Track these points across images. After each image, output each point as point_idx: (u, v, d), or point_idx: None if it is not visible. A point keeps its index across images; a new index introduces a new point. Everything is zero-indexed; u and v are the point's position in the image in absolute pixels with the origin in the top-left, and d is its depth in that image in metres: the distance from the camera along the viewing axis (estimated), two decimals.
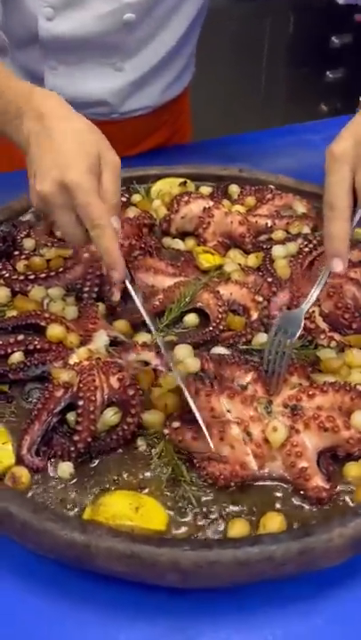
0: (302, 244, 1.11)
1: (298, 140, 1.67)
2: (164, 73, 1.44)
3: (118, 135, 1.49)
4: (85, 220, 0.83)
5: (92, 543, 0.67)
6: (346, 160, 0.80)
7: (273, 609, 0.70)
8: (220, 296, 0.99)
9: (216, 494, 0.76)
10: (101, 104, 1.40)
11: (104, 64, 1.35)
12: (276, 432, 0.76)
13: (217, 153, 1.59)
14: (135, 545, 0.67)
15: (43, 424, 0.81)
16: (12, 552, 0.73)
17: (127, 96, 1.41)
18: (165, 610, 0.69)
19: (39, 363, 0.88)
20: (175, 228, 1.17)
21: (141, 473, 0.78)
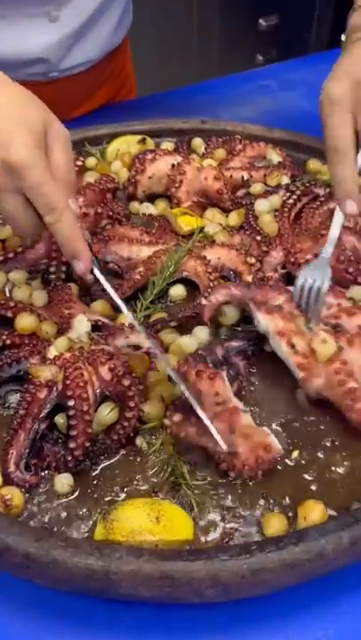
0: (285, 195, 1.01)
1: (255, 86, 1.56)
2: (102, 21, 1.29)
3: (58, 96, 1.34)
4: (38, 205, 0.71)
5: (112, 568, 0.57)
6: (345, 103, 0.78)
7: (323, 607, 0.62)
8: (208, 262, 0.87)
9: (236, 488, 0.66)
10: (38, 62, 1.23)
11: (37, 15, 1.19)
12: (325, 344, 0.70)
13: (170, 106, 1.45)
14: (165, 563, 0.57)
15: (29, 433, 0.68)
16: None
17: (66, 50, 1.25)
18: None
19: (12, 361, 0.75)
20: (142, 190, 1.04)
21: (152, 474, 0.68)
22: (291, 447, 0.70)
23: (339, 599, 0.63)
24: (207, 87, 1.61)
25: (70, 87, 1.34)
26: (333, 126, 0.78)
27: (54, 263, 0.88)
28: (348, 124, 0.78)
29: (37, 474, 0.67)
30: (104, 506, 0.65)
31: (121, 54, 1.48)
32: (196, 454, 0.69)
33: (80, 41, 1.26)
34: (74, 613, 0.61)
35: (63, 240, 0.73)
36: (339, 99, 0.78)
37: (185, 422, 0.68)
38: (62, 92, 1.34)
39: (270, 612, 0.62)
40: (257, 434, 0.67)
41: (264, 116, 1.43)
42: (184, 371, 0.69)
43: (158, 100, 1.50)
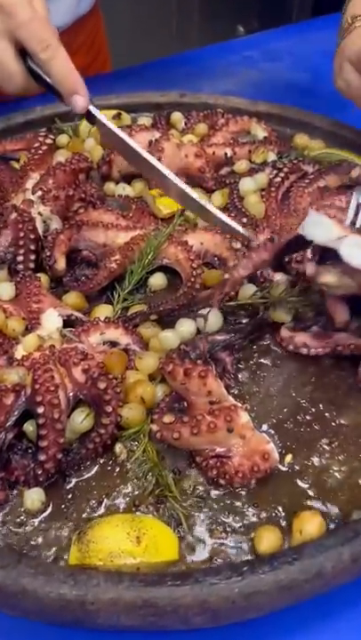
0: (272, 173, 0.93)
1: (238, 57, 1.47)
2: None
3: None
4: (32, 43, 0.73)
5: (88, 598, 0.51)
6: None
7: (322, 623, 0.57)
8: (190, 248, 0.80)
9: (225, 498, 0.60)
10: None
11: None
12: None
13: (147, 79, 1.36)
14: (147, 590, 0.51)
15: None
16: None
17: None
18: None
19: None
20: (118, 170, 0.96)
21: (133, 486, 0.61)
22: (284, 451, 0.64)
23: (338, 614, 0.58)
24: (187, 58, 1.52)
25: None
26: None
27: (22, 252, 0.81)
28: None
29: (5, 489, 0.60)
30: (79, 524, 0.58)
31: (91, 24, 1.41)
32: (181, 461, 0.63)
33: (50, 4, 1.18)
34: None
35: (60, 76, 0.74)
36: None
37: (176, 423, 0.61)
38: None
39: (264, 632, 0.56)
40: (255, 438, 0.61)
41: (247, 88, 1.35)
42: (170, 370, 0.63)
43: (135, 73, 1.41)
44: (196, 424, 0.60)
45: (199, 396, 0.63)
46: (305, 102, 1.21)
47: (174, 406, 0.65)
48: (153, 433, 0.62)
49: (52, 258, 0.80)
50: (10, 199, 0.87)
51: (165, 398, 0.66)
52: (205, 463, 0.61)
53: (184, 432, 0.61)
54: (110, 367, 0.67)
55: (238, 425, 0.60)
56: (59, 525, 0.59)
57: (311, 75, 1.44)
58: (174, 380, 0.64)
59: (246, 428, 0.61)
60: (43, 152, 0.93)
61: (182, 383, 0.64)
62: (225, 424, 0.60)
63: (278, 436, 0.65)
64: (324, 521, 0.57)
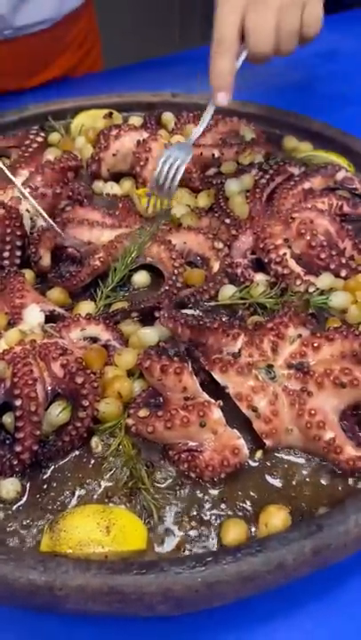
0: (258, 175, 0.95)
1: None
2: None
3: (15, 58, 1.26)
4: None
5: (56, 584, 0.53)
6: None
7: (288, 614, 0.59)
8: (173, 247, 0.82)
9: (195, 491, 0.62)
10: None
11: None
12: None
13: (140, 79, 1.38)
14: (114, 577, 0.53)
15: None
16: None
17: (16, 5, 1.17)
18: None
19: None
20: (107, 168, 0.98)
21: (107, 478, 0.63)
22: (254, 447, 0.66)
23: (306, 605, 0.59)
24: (181, 58, 1.53)
25: (26, 49, 1.27)
26: (221, 17, 0.82)
27: (8, 248, 0.83)
28: (237, 16, 0.81)
29: None
30: (53, 513, 0.60)
31: (84, 20, 1.42)
32: (154, 454, 0.65)
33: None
34: (23, 627, 0.57)
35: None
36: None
37: (151, 417, 0.63)
38: (17, 55, 1.26)
39: (232, 622, 0.58)
40: (226, 433, 0.63)
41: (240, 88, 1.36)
42: (147, 366, 0.65)
43: (125, 73, 1.42)
44: (170, 418, 0.62)
45: (175, 392, 0.65)
46: (297, 103, 1.22)
47: (150, 401, 0.66)
48: (128, 426, 0.64)
49: (38, 254, 0.82)
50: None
51: (142, 393, 0.68)
52: (177, 457, 0.63)
53: (158, 426, 0.62)
54: (89, 362, 0.69)
55: (211, 420, 0.62)
56: (33, 514, 0.60)
57: (304, 76, 1.45)
58: (151, 375, 0.66)
59: (218, 424, 0.62)
60: (33, 150, 0.95)
61: (159, 379, 0.66)
62: (198, 419, 0.62)
63: (250, 432, 0.67)
64: (289, 515, 0.59)
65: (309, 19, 0.85)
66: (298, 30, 0.85)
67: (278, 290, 0.78)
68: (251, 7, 0.82)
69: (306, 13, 0.85)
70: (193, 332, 0.70)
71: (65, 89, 1.28)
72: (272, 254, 0.80)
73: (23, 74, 1.32)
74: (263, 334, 0.68)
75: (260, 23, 0.82)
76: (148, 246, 0.82)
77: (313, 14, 0.85)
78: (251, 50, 0.84)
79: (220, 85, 0.83)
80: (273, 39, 0.83)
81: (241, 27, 0.82)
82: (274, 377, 0.65)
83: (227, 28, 0.82)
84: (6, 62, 1.28)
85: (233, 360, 0.66)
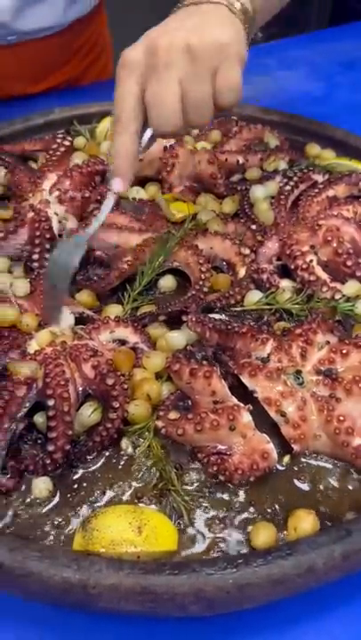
0: (282, 181, 0.96)
1: (254, 65, 1.48)
2: None
3: (19, 63, 1.25)
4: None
5: (90, 582, 0.53)
6: (134, 69, 0.71)
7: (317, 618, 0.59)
8: (200, 252, 0.83)
9: (224, 494, 0.63)
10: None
11: None
12: None
13: None
14: (146, 577, 0.54)
15: (6, 433, 0.64)
16: None
17: (19, 11, 1.17)
18: None
19: None
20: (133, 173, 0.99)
21: (136, 479, 0.64)
22: (282, 451, 0.66)
23: (331, 609, 0.60)
24: None
25: (33, 54, 1.26)
26: (118, 94, 0.72)
27: (38, 250, 0.84)
28: (133, 93, 0.71)
29: (14, 477, 0.63)
30: (84, 512, 0.61)
31: (93, 27, 1.40)
32: (182, 457, 0.66)
33: (35, 4, 1.18)
34: (54, 624, 0.58)
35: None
36: (129, 63, 0.71)
37: (181, 419, 0.64)
38: (24, 59, 1.26)
39: (262, 624, 0.59)
40: (255, 437, 0.64)
41: (262, 95, 1.37)
42: (176, 369, 0.65)
43: None
44: (200, 421, 0.63)
45: (203, 396, 0.66)
46: (319, 111, 1.23)
47: (179, 404, 0.67)
48: (158, 428, 0.65)
49: None
50: (27, 198, 0.90)
51: (170, 396, 0.69)
52: (207, 459, 0.64)
53: (188, 428, 0.63)
54: (118, 364, 0.70)
55: (240, 424, 0.63)
56: (64, 513, 0.61)
57: (326, 84, 1.46)
58: (180, 379, 0.67)
59: (248, 428, 0.63)
60: (60, 153, 0.96)
61: (188, 382, 0.66)
62: (228, 422, 0.62)
63: (277, 437, 0.68)
64: (318, 519, 0.60)
65: (223, 85, 0.71)
66: (208, 100, 0.71)
67: (304, 296, 0.79)
68: (151, 78, 0.70)
69: (219, 79, 0.70)
70: (221, 336, 0.71)
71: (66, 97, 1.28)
72: (299, 261, 0.81)
73: (28, 79, 1.31)
74: (292, 340, 0.69)
75: (160, 95, 0.70)
76: (175, 250, 0.83)
77: (228, 79, 0.71)
78: (152, 126, 0.72)
79: (116, 169, 0.73)
80: (177, 113, 0.71)
81: (141, 102, 0.71)
82: (302, 383, 0.66)
83: (124, 103, 0.71)
84: (10, 67, 1.26)
85: (262, 365, 0.67)
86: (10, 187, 0.95)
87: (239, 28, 0.74)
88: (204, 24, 0.71)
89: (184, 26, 0.71)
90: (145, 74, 0.70)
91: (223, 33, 0.70)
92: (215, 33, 0.70)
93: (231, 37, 0.70)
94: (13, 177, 0.95)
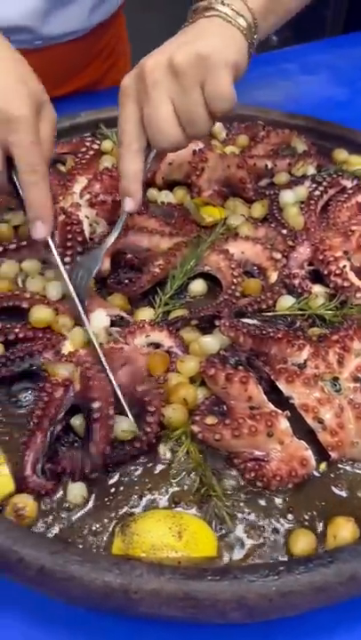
0: (311, 187, 0.96)
1: (274, 69, 1.49)
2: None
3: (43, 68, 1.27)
4: (23, 163, 0.72)
5: (132, 587, 0.53)
6: (130, 94, 0.75)
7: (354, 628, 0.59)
8: (232, 256, 0.83)
9: (261, 501, 0.63)
10: (19, 30, 1.16)
11: None
12: None
13: None
14: (188, 583, 0.53)
15: (45, 434, 0.64)
16: None
17: (46, 17, 1.18)
18: None
19: (25, 354, 0.71)
20: (161, 177, 0.99)
21: (172, 484, 0.64)
22: (319, 458, 0.66)
23: None
24: None
25: (57, 58, 1.27)
26: (120, 118, 0.76)
27: (69, 253, 0.84)
28: (132, 117, 0.74)
29: (53, 479, 0.63)
30: (121, 517, 0.61)
31: (113, 31, 1.41)
32: (218, 462, 0.66)
33: (62, 8, 1.20)
34: (92, 629, 0.58)
35: (35, 202, 0.74)
36: (124, 89, 0.75)
37: (219, 425, 0.64)
38: (48, 63, 1.25)
39: (298, 633, 0.58)
40: (293, 444, 0.63)
41: (284, 100, 1.37)
42: (212, 374, 0.65)
43: None
44: (238, 427, 0.62)
45: (239, 401, 0.66)
46: (342, 116, 1.23)
47: (215, 409, 0.67)
48: (194, 433, 0.65)
49: None
50: (58, 201, 0.91)
51: (205, 401, 0.68)
52: (243, 465, 0.64)
53: (226, 434, 0.63)
54: (153, 367, 0.70)
55: (278, 430, 0.63)
56: (101, 517, 0.61)
57: (349, 89, 1.46)
58: (215, 384, 0.67)
59: (286, 434, 0.63)
60: (90, 157, 0.97)
61: (223, 387, 0.66)
62: (265, 428, 0.62)
63: (313, 444, 0.67)
64: (357, 527, 0.59)
65: (214, 93, 0.72)
66: (202, 111, 0.73)
67: (338, 302, 0.78)
68: (143, 100, 0.73)
69: (208, 89, 0.71)
70: (255, 341, 0.71)
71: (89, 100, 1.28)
72: (332, 266, 0.81)
73: (50, 83, 1.32)
74: (328, 346, 0.69)
75: (154, 115, 0.72)
76: (206, 255, 0.83)
77: (216, 88, 0.71)
78: (153, 144, 0.75)
79: (125, 190, 0.76)
80: (174, 128, 0.73)
81: (141, 123, 0.74)
82: (339, 389, 0.66)
83: (123, 127, 0.75)
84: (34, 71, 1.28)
85: (299, 371, 0.67)
86: None
87: (232, 33, 0.75)
88: (191, 40, 0.73)
89: (170, 45, 0.74)
90: (139, 97, 0.73)
91: (207, 45, 0.71)
92: (197, 46, 0.71)
93: (214, 47, 0.71)
94: None
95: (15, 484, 0.62)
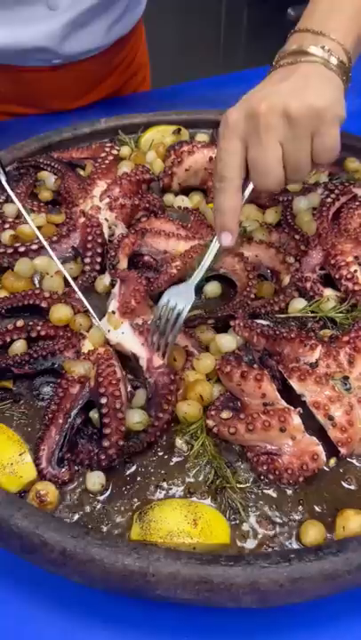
0: (324, 194, 0.98)
1: None
2: (106, 11, 1.24)
3: (62, 83, 1.31)
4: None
5: (149, 570, 0.56)
6: (237, 131, 0.73)
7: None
8: (247, 259, 0.86)
9: (272, 493, 0.65)
10: (39, 51, 1.20)
11: (36, 4, 1.14)
12: None
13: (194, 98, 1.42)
14: (204, 567, 0.56)
15: (60, 428, 0.67)
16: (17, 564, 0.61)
17: (65, 38, 1.21)
18: None
19: (48, 353, 0.74)
20: (178, 182, 1.02)
21: (187, 475, 0.67)
22: (328, 454, 0.68)
23: None
24: (237, 78, 1.57)
25: (76, 74, 1.30)
26: (223, 153, 0.74)
27: (89, 254, 0.87)
28: (237, 153, 0.73)
29: (70, 469, 0.66)
30: (139, 505, 0.64)
31: (132, 42, 1.44)
32: (231, 455, 0.68)
33: (81, 29, 1.23)
34: (108, 612, 0.61)
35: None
36: (233, 124, 0.73)
37: (233, 419, 0.67)
38: (68, 79, 1.30)
39: (304, 620, 0.61)
40: (305, 440, 0.66)
41: None
42: (228, 371, 0.68)
43: (179, 91, 1.47)
44: (252, 421, 0.65)
45: (253, 398, 0.69)
46: (353, 126, 1.26)
47: (229, 404, 0.70)
48: (210, 427, 0.68)
49: (117, 258, 0.86)
50: (78, 204, 0.94)
51: (220, 397, 0.71)
52: (256, 459, 0.66)
53: (240, 428, 0.66)
54: (171, 362, 0.73)
55: (291, 426, 0.65)
56: (119, 505, 0.64)
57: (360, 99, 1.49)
58: (230, 380, 0.70)
59: (298, 430, 0.66)
60: (109, 162, 1.00)
61: (238, 384, 0.69)
62: (279, 424, 0.65)
63: (323, 441, 0.70)
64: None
65: (321, 147, 0.73)
66: (307, 160, 0.74)
67: (348, 305, 0.81)
68: (252, 140, 0.72)
69: (317, 142, 0.73)
70: (268, 341, 0.74)
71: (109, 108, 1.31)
72: (343, 271, 0.83)
73: (71, 96, 1.35)
74: (339, 347, 0.71)
75: (262, 158, 0.72)
76: (222, 257, 0.86)
77: (326, 144, 0.73)
78: (255, 184, 0.75)
79: (224, 225, 0.75)
80: (279, 173, 0.74)
81: (244, 159, 0.74)
82: (349, 388, 0.68)
83: (228, 163, 0.73)
84: (53, 86, 1.30)
85: (311, 370, 0.69)
86: (59, 192, 0.99)
87: (337, 84, 0.75)
88: (301, 87, 0.72)
89: (282, 89, 0.72)
90: (246, 135, 0.72)
91: (320, 97, 0.71)
92: (312, 97, 0.71)
93: (328, 100, 0.71)
94: (63, 183, 0.98)
95: (37, 472, 0.65)
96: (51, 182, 1.01)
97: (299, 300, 0.83)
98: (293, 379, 0.69)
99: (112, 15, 1.27)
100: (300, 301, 0.82)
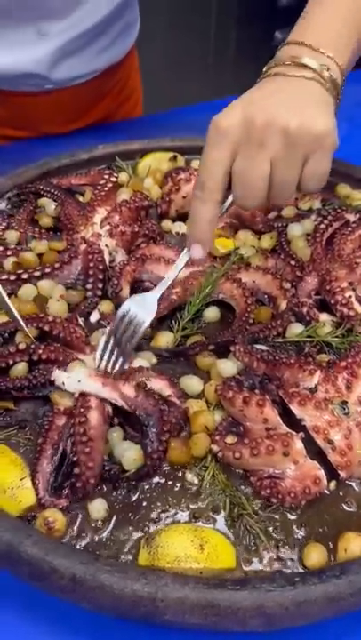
0: (317, 220, 1.02)
1: None
2: (98, 38, 1.27)
3: (56, 108, 1.33)
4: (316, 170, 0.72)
5: (158, 595, 0.57)
6: (229, 138, 0.69)
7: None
8: (245, 285, 0.88)
9: (274, 516, 0.67)
10: (29, 76, 1.22)
11: (25, 29, 1.16)
12: None
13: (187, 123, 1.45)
14: (211, 592, 0.57)
15: (51, 459, 0.68)
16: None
17: (56, 65, 1.23)
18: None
19: (46, 381, 0.74)
20: (175, 209, 1.05)
21: (191, 501, 0.68)
22: (328, 477, 0.70)
23: None
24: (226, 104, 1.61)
25: (68, 98, 1.32)
26: (208, 160, 0.70)
27: (91, 280, 0.89)
28: (224, 163, 0.70)
29: (69, 497, 0.67)
30: (144, 531, 0.65)
31: (125, 68, 1.45)
32: (235, 481, 0.70)
33: (72, 56, 1.24)
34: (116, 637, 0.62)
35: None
36: (224, 130, 0.69)
37: (238, 444, 0.68)
38: (59, 103, 1.32)
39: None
40: (307, 464, 0.68)
41: None
42: (230, 397, 0.70)
43: (179, 115, 1.50)
44: (256, 446, 0.67)
45: (255, 423, 0.70)
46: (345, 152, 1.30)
47: (232, 430, 0.72)
48: (214, 452, 0.69)
49: (119, 286, 0.88)
50: (78, 231, 0.96)
51: (223, 422, 0.73)
52: (260, 483, 0.68)
53: (245, 452, 0.67)
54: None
55: (293, 450, 0.67)
56: (125, 531, 0.65)
57: (349, 125, 1.54)
58: (233, 405, 0.72)
59: (300, 455, 0.67)
60: (108, 189, 1.02)
61: (240, 409, 0.71)
62: (282, 448, 0.67)
63: (323, 465, 0.71)
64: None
65: (311, 174, 0.71)
66: (293, 184, 0.72)
67: (344, 330, 0.84)
68: (243, 151, 0.69)
69: (308, 168, 0.71)
70: (268, 366, 0.76)
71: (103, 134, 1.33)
72: (338, 296, 0.86)
73: (61, 121, 1.37)
74: (337, 372, 0.74)
75: (248, 172, 0.69)
76: (221, 283, 0.88)
77: (317, 169, 0.71)
78: (236, 199, 0.73)
79: (196, 236, 0.73)
80: (262, 191, 0.71)
81: (229, 170, 0.70)
82: (348, 412, 0.71)
83: (212, 172, 0.70)
84: (45, 111, 1.32)
85: (310, 395, 0.71)
86: (59, 218, 1.01)
87: (330, 104, 0.73)
88: (302, 106, 0.69)
89: (282, 104, 0.69)
90: (237, 145, 0.69)
91: (321, 122, 0.69)
92: (313, 120, 0.68)
93: (328, 126, 0.69)
94: (63, 210, 1.00)
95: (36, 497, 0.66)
96: (51, 209, 1.03)
97: (296, 325, 0.85)
98: (294, 404, 0.71)
99: (104, 41, 1.29)
100: (297, 326, 0.85)
